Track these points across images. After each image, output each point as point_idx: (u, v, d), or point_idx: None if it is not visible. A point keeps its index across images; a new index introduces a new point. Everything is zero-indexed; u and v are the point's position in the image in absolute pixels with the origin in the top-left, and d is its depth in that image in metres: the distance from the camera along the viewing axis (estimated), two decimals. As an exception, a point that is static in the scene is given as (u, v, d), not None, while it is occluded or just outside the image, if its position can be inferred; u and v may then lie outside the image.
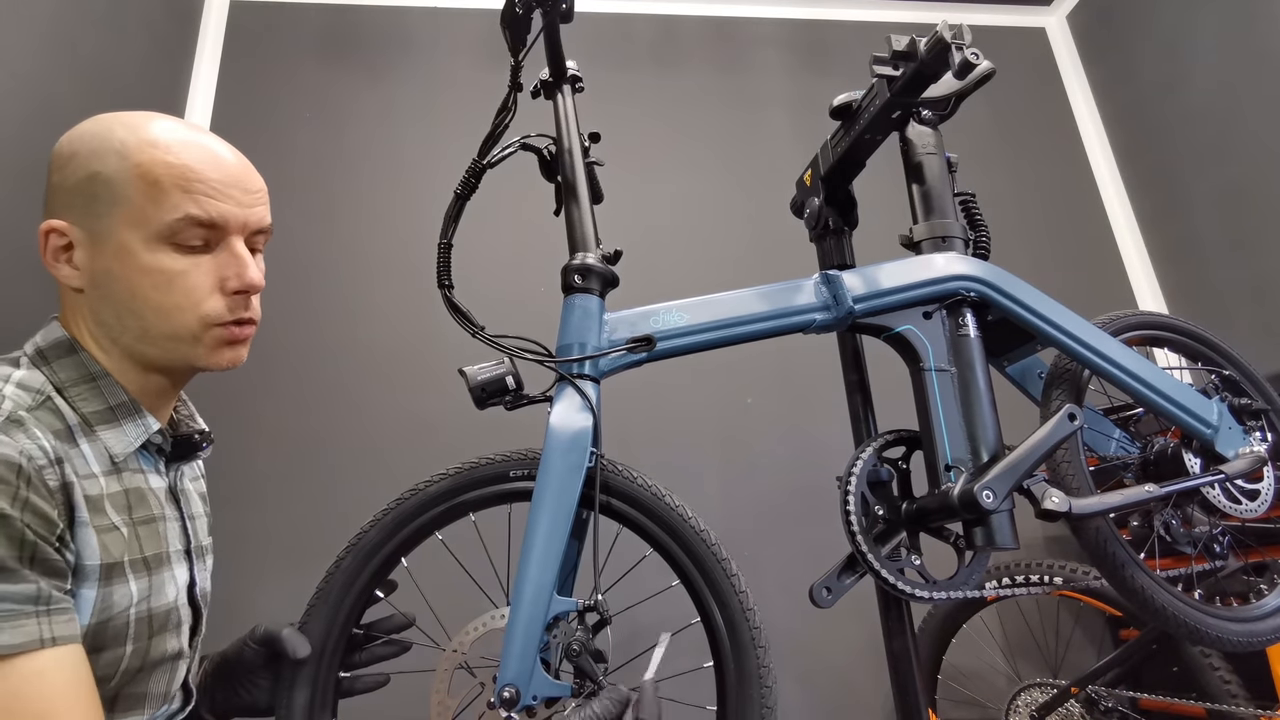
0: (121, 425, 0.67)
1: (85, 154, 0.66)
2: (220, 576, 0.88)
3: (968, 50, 0.82)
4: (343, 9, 2.20)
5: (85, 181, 0.65)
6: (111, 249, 0.65)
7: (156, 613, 0.67)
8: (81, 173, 0.65)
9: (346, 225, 1.97)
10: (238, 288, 0.69)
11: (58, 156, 0.68)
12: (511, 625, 0.70)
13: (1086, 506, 0.80)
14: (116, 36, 1.71)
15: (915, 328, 0.87)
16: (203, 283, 0.68)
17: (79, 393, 0.65)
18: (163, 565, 0.70)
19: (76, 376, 0.66)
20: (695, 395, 1.91)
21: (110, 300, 0.66)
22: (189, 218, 0.65)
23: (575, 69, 1.02)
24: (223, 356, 0.71)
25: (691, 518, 0.81)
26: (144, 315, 0.66)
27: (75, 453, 0.63)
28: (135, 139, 0.66)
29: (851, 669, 1.71)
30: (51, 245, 0.67)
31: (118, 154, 0.65)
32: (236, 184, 0.69)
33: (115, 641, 0.63)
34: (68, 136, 0.68)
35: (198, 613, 0.77)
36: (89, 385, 0.66)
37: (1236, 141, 1.99)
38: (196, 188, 0.66)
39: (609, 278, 0.87)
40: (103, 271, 0.66)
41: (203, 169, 0.67)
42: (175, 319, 0.67)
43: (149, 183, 0.65)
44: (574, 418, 0.78)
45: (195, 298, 0.67)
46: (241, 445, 1.72)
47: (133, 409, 0.68)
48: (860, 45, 2.37)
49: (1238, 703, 1.30)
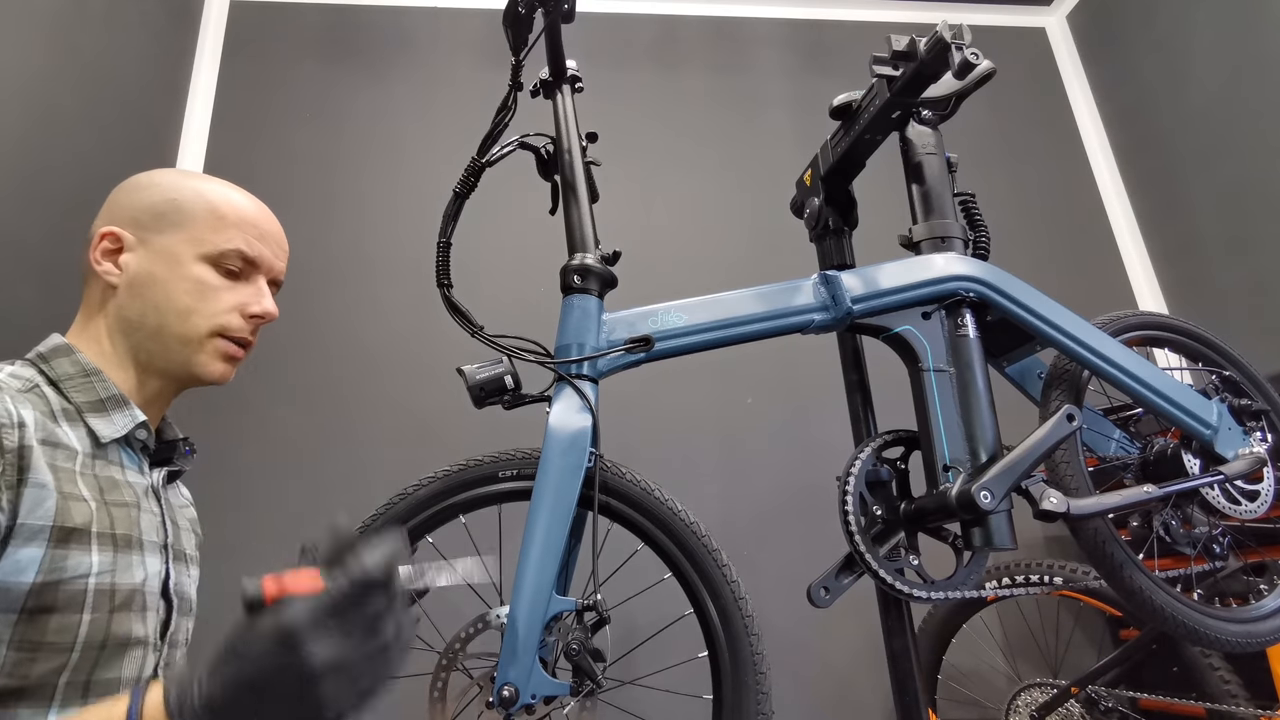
0: (110, 415, 0.73)
1: (167, 185, 0.80)
2: (215, 579, 0.88)
3: (968, 50, 0.82)
4: (343, 9, 2.20)
5: (161, 203, 0.78)
6: (163, 257, 0.77)
7: (120, 588, 0.69)
8: (159, 197, 0.78)
9: (346, 225, 1.97)
10: (257, 312, 0.81)
11: (135, 185, 0.80)
12: (510, 625, 0.71)
13: (1085, 507, 0.80)
14: (116, 36, 1.71)
15: (914, 328, 0.87)
16: (228, 300, 0.79)
17: (73, 385, 0.72)
18: (131, 547, 0.71)
19: (72, 372, 0.73)
20: (695, 396, 1.91)
21: (142, 297, 0.76)
22: (238, 251, 0.79)
23: (575, 69, 1.02)
24: (216, 367, 0.80)
25: (681, 510, 0.82)
26: (166, 314, 0.76)
27: (55, 429, 0.68)
28: (211, 187, 0.82)
29: (851, 669, 1.71)
30: (104, 246, 0.76)
31: (196, 191, 0.80)
32: (275, 240, 0.85)
33: (70, 607, 0.64)
34: (148, 175, 0.82)
35: (169, 609, 0.77)
36: (83, 379, 0.73)
37: (1236, 141, 1.99)
38: (250, 230, 0.81)
39: (607, 278, 0.87)
40: (146, 273, 0.76)
41: (258, 220, 0.83)
42: (191, 322, 0.77)
43: (217, 216, 0.79)
44: (573, 418, 0.78)
45: (217, 309, 0.78)
46: (239, 446, 1.72)
47: (122, 401, 0.75)
48: (860, 45, 2.37)
49: (1238, 703, 1.29)
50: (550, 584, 0.72)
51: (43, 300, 1.23)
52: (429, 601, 0.91)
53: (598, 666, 0.72)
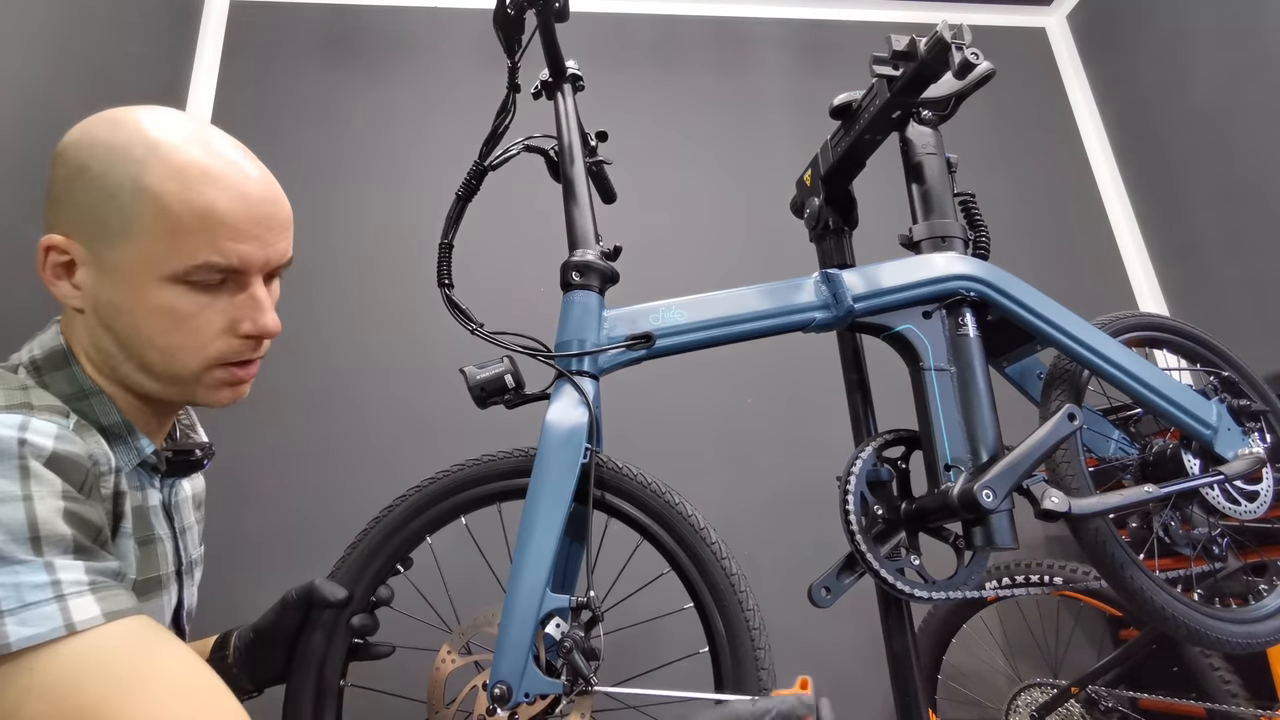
0: (114, 446, 0.64)
1: (98, 171, 0.59)
2: (216, 578, 0.88)
3: (968, 50, 0.82)
4: (343, 9, 2.20)
5: (97, 203, 0.59)
6: (118, 280, 0.60)
7: None
8: (93, 193, 0.59)
9: (346, 225, 1.97)
10: (251, 332, 0.65)
11: (64, 164, 0.61)
12: (504, 622, 0.70)
13: (1086, 507, 0.80)
14: (116, 36, 1.71)
15: (915, 327, 0.87)
16: (214, 323, 0.64)
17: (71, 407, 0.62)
18: (161, 589, 0.69)
19: (69, 393, 0.63)
20: (694, 396, 1.91)
21: (112, 330, 0.62)
22: (208, 265, 0.61)
23: (575, 68, 1.02)
24: (222, 395, 0.68)
25: (680, 503, 0.81)
26: (145, 352, 0.63)
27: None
28: (157, 164, 0.59)
29: (851, 669, 1.71)
30: (51, 261, 0.62)
31: (134, 179, 0.59)
32: (262, 221, 0.64)
33: None
34: (75, 141, 0.61)
35: (181, 634, 0.76)
36: (81, 404, 0.63)
37: (1236, 141, 1.99)
38: (219, 231, 0.61)
39: (608, 274, 0.86)
40: (106, 302, 0.61)
41: (228, 209, 0.61)
42: (179, 359, 0.63)
43: (168, 222, 0.59)
44: (570, 414, 0.78)
45: (203, 339, 0.63)
46: (239, 446, 1.72)
47: (125, 430, 0.65)
48: (860, 45, 2.37)
49: (1238, 703, 1.29)
50: (544, 581, 0.71)
51: (44, 302, 1.23)
52: (434, 596, 0.92)
53: (591, 665, 0.71)
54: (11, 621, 0.47)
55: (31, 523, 0.50)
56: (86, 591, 0.51)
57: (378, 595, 0.82)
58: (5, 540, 0.49)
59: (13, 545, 0.49)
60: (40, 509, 0.51)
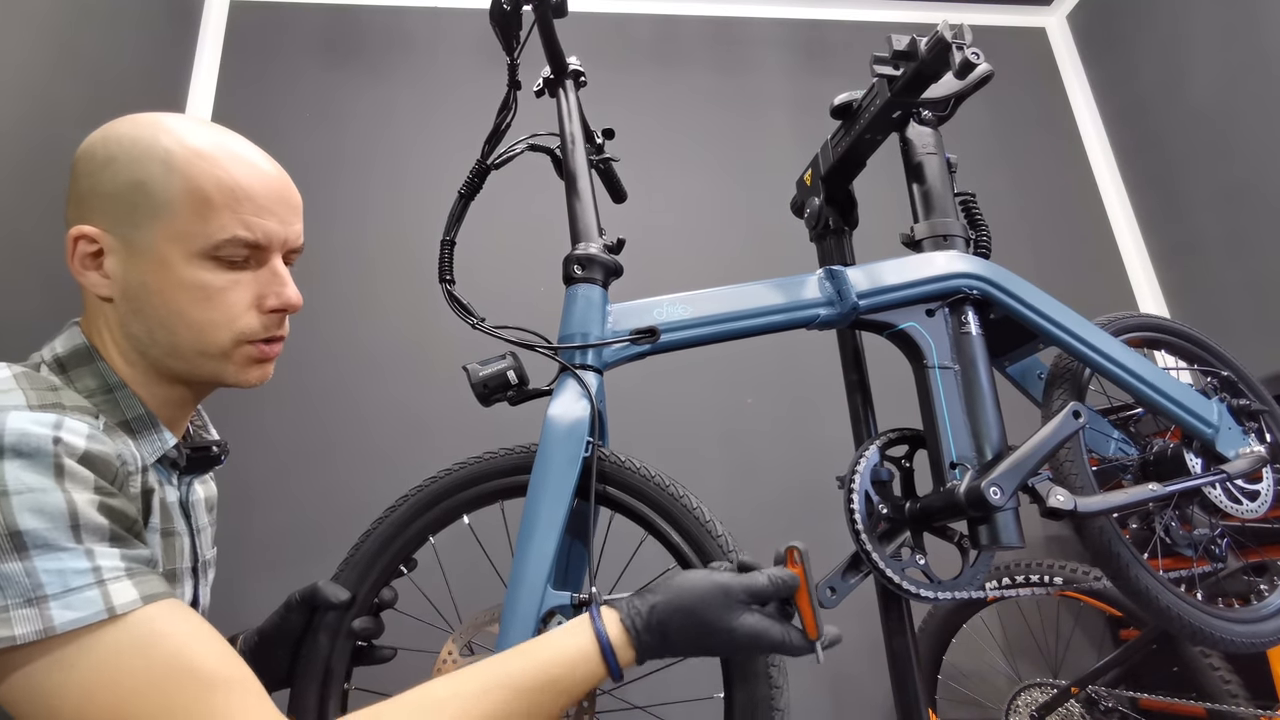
0: (137, 440, 0.66)
1: (126, 160, 0.63)
2: (219, 579, 0.88)
3: (968, 50, 0.82)
4: (343, 9, 2.20)
5: (126, 189, 0.63)
6: (149, 261, 0.64)
7: None
8: (122, 179, 0.63)
9: (347, 225, 1.97)
10: (276, 305, 0.69)
11: (90, 159, 0.65)
12: (505, 621, 0.70)
13: (1091, 505, 0.79)
14: (116, 36, 1.71)
15: (918, 325, 0.87)
16: (241, 299, 0.67)
17: (96, 404, 0.64)
18: (178, 583, 0.70)
19: (94, 387, 0.65)
20: (695, 396, 1.91)
21: (142, 313, 0.65)
22: (236, 239, 0.65)
23: (577, 64, 1.02)
24: (251, 374, 0.71)
25: (684, 495, 0.80)
26: (177, 330, 0.65)
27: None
28: (182, 149, 0.64)
29: (851, 669, 1.70)
30: (80, 252, 0.65)
31: (163, 163, 0.63)
32: (281, 200, 0.69)
33: None
34: (102, 138, 0.65)
35: None
36: (106, 397, 0.65)
37: (1236, 141, 2.00)
38: (245, 206, 0.65)
39: (612, 267, 0.86)
40: (137, 283, 0.64)
41: (251, 186, 0.66)
42: (209, 335, 0.66)
43: (198, 199, 0.63)
44: (572, 408, 0.77)
45: (232, 314, 0.67)
46: (240, 446, 1.71)
47: (149, 423, 0.67)
48: (860, 45, 2.37)
49: (1238, 703, 1.29)
50: (545, 577, 0.71)
51: (46, 302, 1.23)
52: (436, 596, 0.91)
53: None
54: (57, 606, 0.51)
55: (72, 513, 0.53)
56: (124, 576, 0.54)
57: (381, 597, 0.82)
58: (48, 528, 0.52)
59: (56, 533, 0.52)
60: (78, 500, 0.54)
